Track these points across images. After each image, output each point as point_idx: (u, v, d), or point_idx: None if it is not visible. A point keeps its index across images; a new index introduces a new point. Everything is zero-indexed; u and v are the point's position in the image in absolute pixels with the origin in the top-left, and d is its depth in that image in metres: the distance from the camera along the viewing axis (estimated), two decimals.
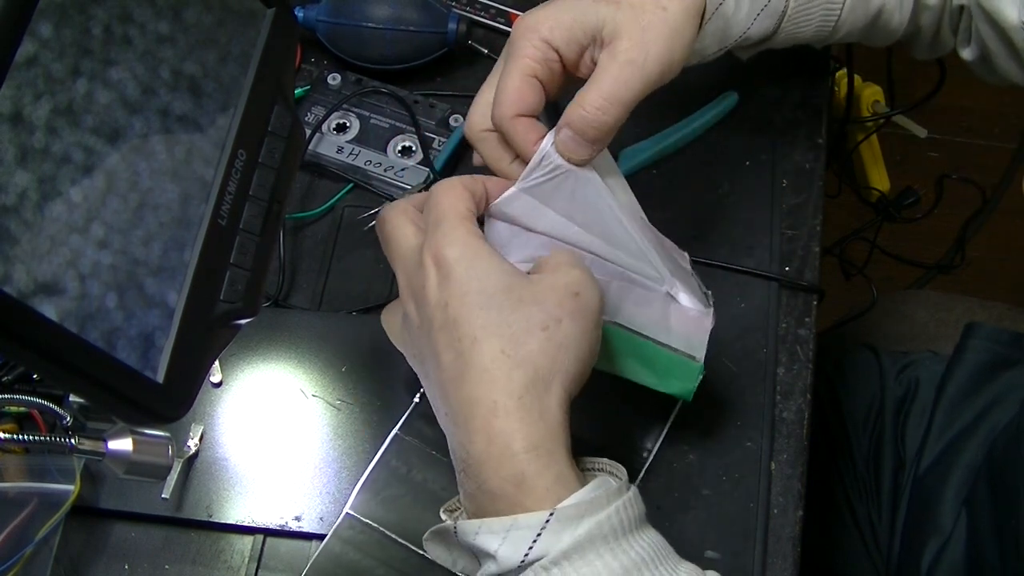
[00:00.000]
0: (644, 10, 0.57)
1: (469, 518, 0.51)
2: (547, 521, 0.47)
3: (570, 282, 0.52)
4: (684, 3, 0.58)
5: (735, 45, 0.67)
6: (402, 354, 0.58)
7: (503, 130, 0.57)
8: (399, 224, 0.56)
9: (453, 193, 0.54)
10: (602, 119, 0.55)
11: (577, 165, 0.57)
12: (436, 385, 0.53)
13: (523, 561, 0.47)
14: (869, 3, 0.69)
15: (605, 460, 0.54)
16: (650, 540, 0.50)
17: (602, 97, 0.55)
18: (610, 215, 0.58)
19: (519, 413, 0.49)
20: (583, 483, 0.50)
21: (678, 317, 0.59)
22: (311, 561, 0.63)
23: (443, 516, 0.55)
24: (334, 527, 0.63)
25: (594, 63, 0.57)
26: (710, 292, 0.61)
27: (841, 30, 0.70)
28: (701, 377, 0.59)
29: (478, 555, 0.50)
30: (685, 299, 0.60)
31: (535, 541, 0.47)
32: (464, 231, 0.53)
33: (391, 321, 0.59)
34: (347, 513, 0.64)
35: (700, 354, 0.59)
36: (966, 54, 0.74)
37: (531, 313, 0.51)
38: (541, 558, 0.47)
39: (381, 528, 0.63)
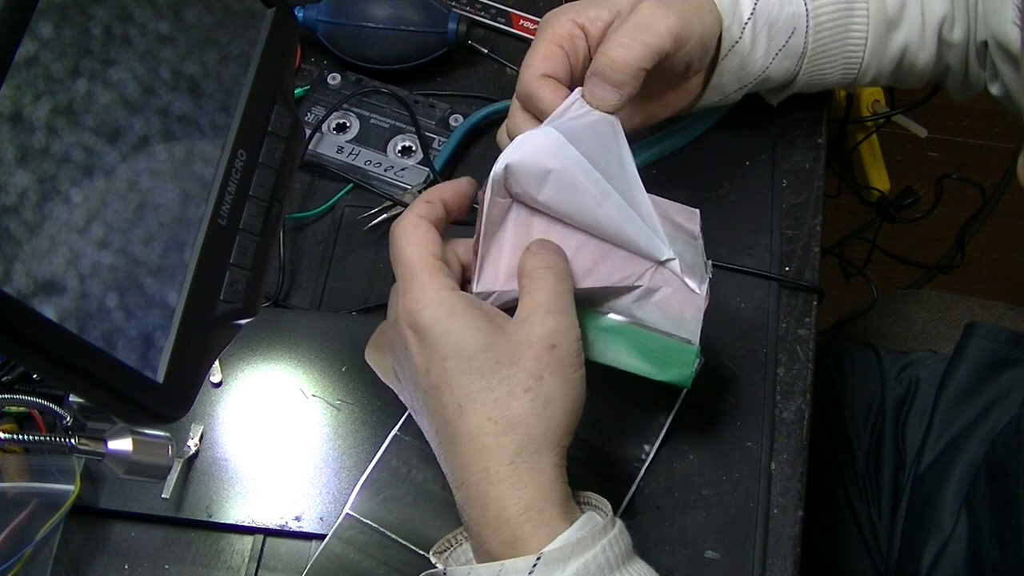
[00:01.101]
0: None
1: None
2: (534, 566, 0.48)
3: (545, 334, 0.52)
4: (706, 18, 0.61)
5: (757, 86, 0.68)
6: None
7: (530, 92, 0.59)
8: (400, 249, 0.55)
9: (416, 238, 0.54)
10: (625, 57, 0.56)
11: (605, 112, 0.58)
12: (430, 441, 0.55)
13: None
14: (890, 44, 0.69)
15: (591, 494, 0.54)
16: (639, 572, 0.51)
17: (624, 35, 0.57)
18: (629, 165, 0.57)
19: (511, 479, 0.50)
20: (573, 521, 0.50)
21: (671, 298, 0.58)
22: (311, 561, 0.63)
23: (432, 559, 0.55)
24: (334, 527, 0.63)
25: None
26: (710, 261, 0.60)
27: (868, 73, 0.70)
28: (699, 362, 0.59)
29: None
30: (679, 269, 0.58)
31: None
32: (435, 289, 0.52)
33: (377, 359, 0.60)
34: (347, 513, 0.64)
35: (695, 336, 0.59)
36: (994, 90, 0.74)
37: (511, 375, 0.51)
38: None
39: (381, 529, 0.63)
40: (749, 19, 0.64)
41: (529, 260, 0.55)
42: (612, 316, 0.58)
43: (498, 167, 0.55)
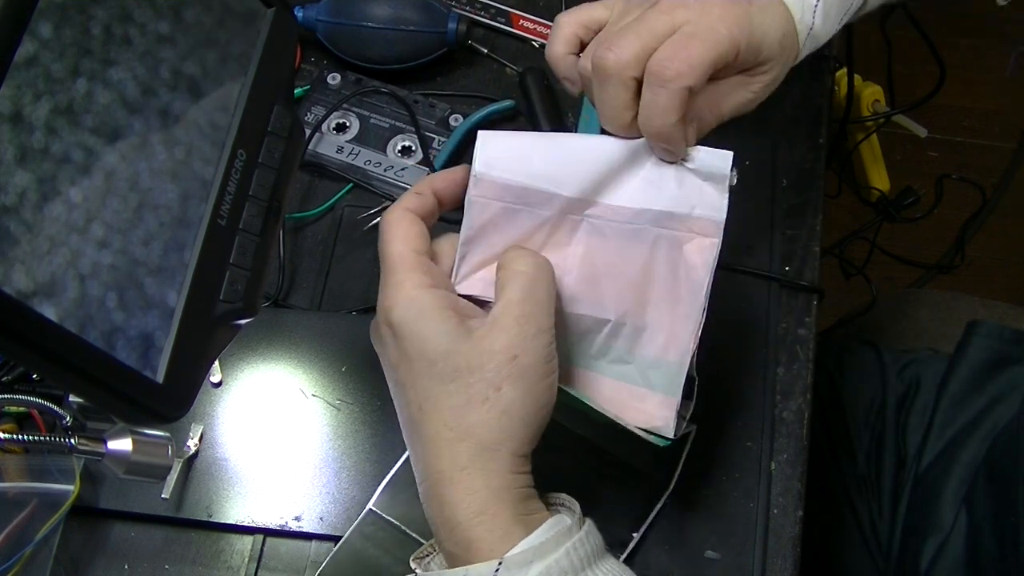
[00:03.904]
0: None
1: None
2: (496, 570, 0.48)
3: (508, 343, 0.50)
4: (778, 17, 0.57)
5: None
6: None
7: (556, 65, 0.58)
8: (382, 243, 0.54)
9: (398, 233, 0.53)
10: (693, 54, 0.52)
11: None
12: (403, 432, 0.55)
13: None
14: None
15: (562, 495, 0.54)
16: (608, 572, 0.50)
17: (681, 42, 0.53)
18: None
19: (464, 483, 0.50)
20: (534, 528, 0.50)
21: (656, 337, 0.56)
22: (331, 555, 0.63)
23: (412, 564, 0.56)
24: (355, 523, 0.64)
25: None
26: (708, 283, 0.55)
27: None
28: (687, 429, 0.57)
29: None
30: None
31: None
32: (409, 286, 0.51)
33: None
34: (370, 509, 0.64)
35: (669, 427, 0.56)
36: None
37: (471, 383, 0.50)
38: None
39: (402, 526, 0.63)
40: (818, 2, 0.59)
41: (503, 264, 0.54)
42: (584, 399, 0.56)
43: (477, 164, 0.54)
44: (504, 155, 0.54)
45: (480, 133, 0.54)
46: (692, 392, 0.57)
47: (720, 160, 0.54)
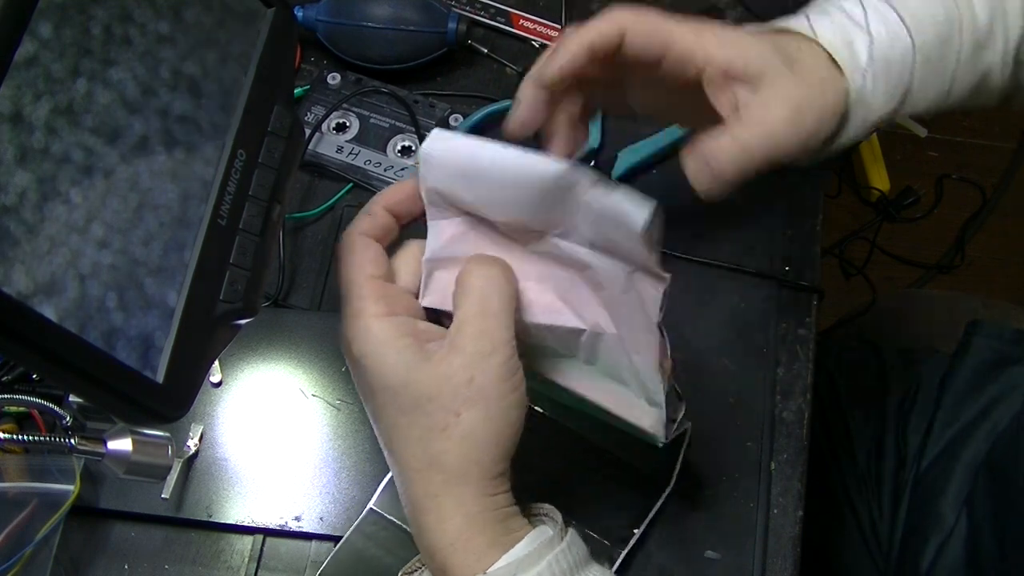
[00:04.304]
0: (808, 80, 0.57)
1: None
2: None
3: (462, 366, 0.49)
4: (834, 91, 0.58)
5: (866, 128, 0.64)
6: None
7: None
8: (338, 270, 0.53)
9: (351, 260, 0.52)
10: (733, 163, 0.54)
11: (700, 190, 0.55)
12: None
13: None
14: (977, 66, 0.65)
15: (545, 506, 0.54)
16: None
17: (742, 135, 0.54)
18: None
19: (436, 512, 0.50)
20: (515, 543, 0.50)
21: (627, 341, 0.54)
22: (332, 555, 0.63)
23: None
24: (356, 522, 0.64)
25: (732, 98, 0.56)
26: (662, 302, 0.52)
27: (952, 96, 0.66)
28: (679, 429, 0.56)
29: None
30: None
31: None
32: (365, 318, 0.50)
33: None
34: (371, 508, 0.64)
35: (659, 430, 0.55)
36: None
37: (430, 412, 0.49)
38: None
39: (403, 525, 0.63)
40: (868, 66, 0.60)
41: (459, 277, 0.52)
42: (571, 388, 0.56)
43: (422, 189, 0.53)
44: (447, 172, 0.52)
45: (423, 151, 0.52)
46: (680, 395, 0.56)
47: (636, 210, 0.49)
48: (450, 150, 0.51)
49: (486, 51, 0.85)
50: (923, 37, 0.62)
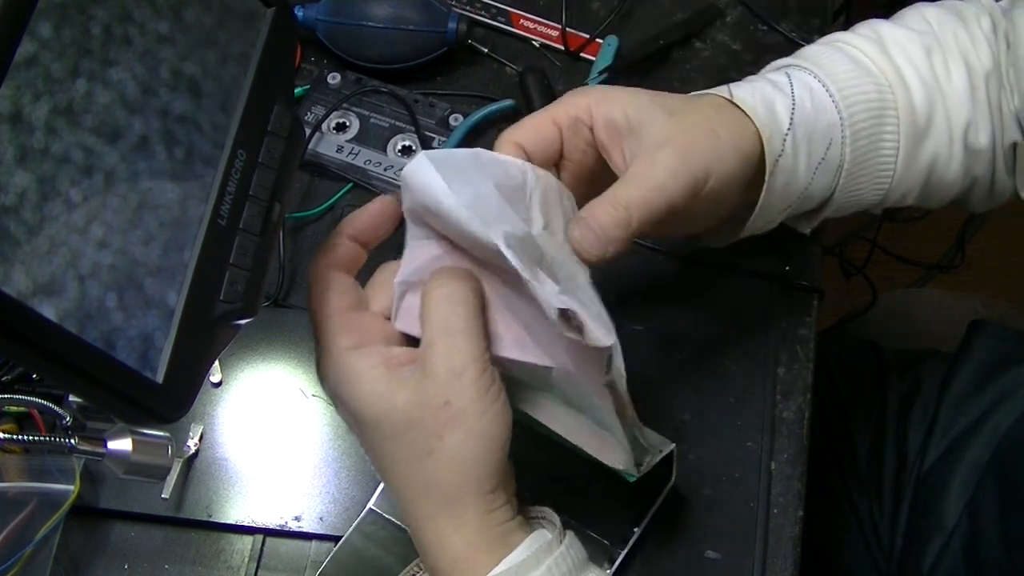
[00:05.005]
0: (695, 129, 0.57)
1: None
2: None
3: (437, 389, 0.48)
4: (737, 141, 0.57)
5: (798, 205, 0.64)
6: None
7: (496, 149, 0.56)
8: (308, 304, 0.53)
9: (316, 292, 0.52)
10: (615, 222, 0.53)
11: (586, 260, 0.53)
12: None
13: None
14: (920, 155, 0.65)
15: (544, 509, 0.54)
16: None
17: (624, 194, 0.54)
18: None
19: (436, 532, 0.50)
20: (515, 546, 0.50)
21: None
22: (331, 555, 0.63)
23: None
24: (356, 522, 0.64)
25: (621, 154, 0.56)
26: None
27: (899, 188, 0.66)
28: (651, 459, 0.55)
29: None
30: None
31: None
32: (336, 352, 0.50)
33: None
34: (370, 508, 0.64)
35: (622, 459, 0.54)
36: None
37: (413, 439, 0.49)
38: None
39: (403, 525, 0.63)
40: (789, 130, 0.60)
41: (422, 297, 0.51)
42: (540, 419, 0.55)
43: (403, 207, 0.52)
44: (420, 198, 0.50)
45: (403, 173, 0.51)
46: (646, 446, 0.55)
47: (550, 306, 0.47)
48: (426, 179, 0.50)
49: (486, 51, 0.84)
50: (853, 110, 0.62)
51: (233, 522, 0.65)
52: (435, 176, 0.49)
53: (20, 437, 0.56)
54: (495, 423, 0.49)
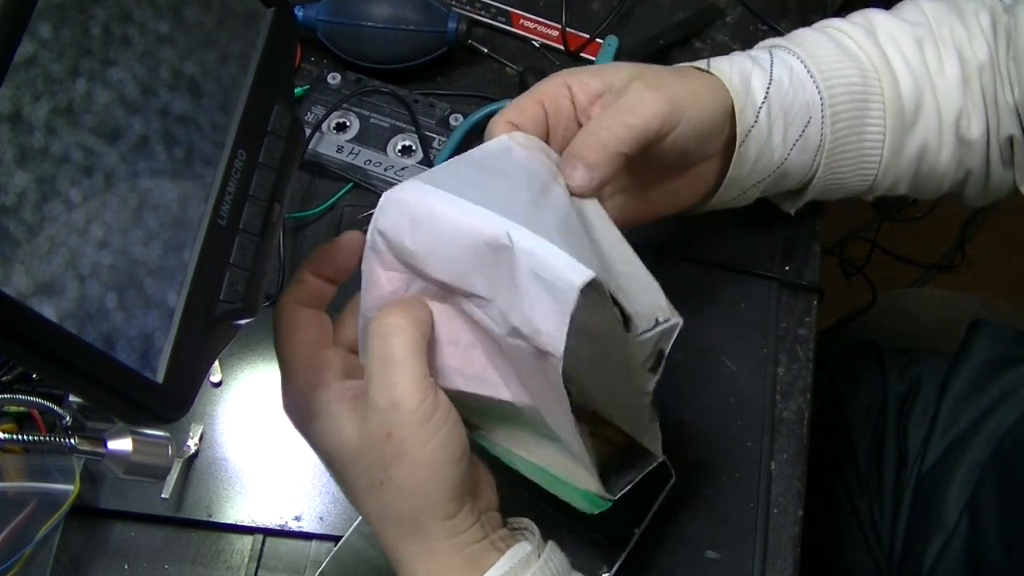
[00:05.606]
0: (671, 79, 0.58)
1: None
2: None
3: (379, 422, 0.48)
4: (712, 99, 0.59)
5: (774, 181, 0.64)
6: None
7: (489, 135, 0.56)
8: (275, 339, 0.54)
9: (282, 331, 0.53)
10: (601, 138, 0.54)
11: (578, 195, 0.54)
12: None
13: None
14: (908, 143, 0.65)
15: (523, 520, 0.53)
16: None
17: (605, 116, 0.55)
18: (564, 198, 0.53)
19: (406, 558, 0.50)
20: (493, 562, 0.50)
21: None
22: (331, 555, 0.63)
23: None
24: (356, 522, 0.64)
25: (599, 109, 0.58)
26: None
27: (888, 176, 0.66)
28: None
29: None
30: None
31: None
32: (300, 387, 0.51)
33: None
34: None
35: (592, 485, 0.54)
36: None
37: (366, 469, 0.49)
38: None
39: None
40: (763, 103, 0.60)
41: (366, 327, 0.51)
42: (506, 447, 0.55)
43: (370, 231, 0.50)
44: (400, 217, 0.49)
45: (384, 196, 0.50)
46: (619, 469, 0.55)
47: (571, 275, 0.45)
48: (407, 201, 0.49)
49: (486, 51, 0.84)
50: (833, 91, 0.63)
51: (233, 522, 0.65)
52: (429, 189, 0.49)
53: (20, 437, 0.56)
54: (440, 451, 0.48)
